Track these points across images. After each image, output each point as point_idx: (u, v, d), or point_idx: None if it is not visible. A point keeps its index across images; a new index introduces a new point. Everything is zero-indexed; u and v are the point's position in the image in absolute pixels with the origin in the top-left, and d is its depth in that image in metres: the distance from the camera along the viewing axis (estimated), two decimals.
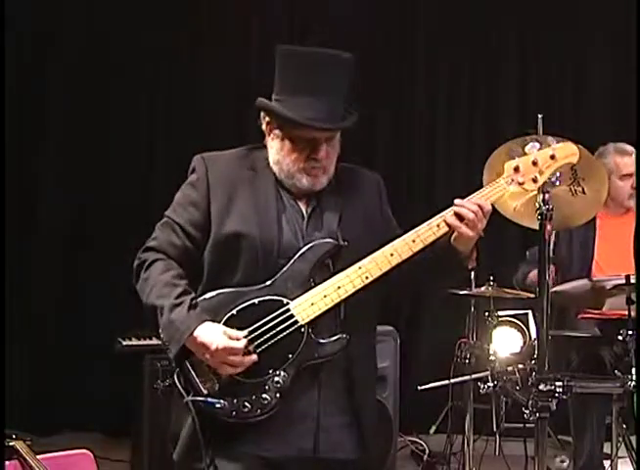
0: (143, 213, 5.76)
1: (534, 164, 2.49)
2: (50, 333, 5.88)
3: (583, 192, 3.17)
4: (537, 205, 2.96)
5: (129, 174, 5.99)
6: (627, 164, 4.45)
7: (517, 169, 2.48)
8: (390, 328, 4.61)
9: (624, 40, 5.95)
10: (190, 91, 6.08)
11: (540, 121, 3.13)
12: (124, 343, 4.49)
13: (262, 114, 2.49)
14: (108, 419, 5.58)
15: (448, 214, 2.41)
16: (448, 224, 2.40)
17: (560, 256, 4.45)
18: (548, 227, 3.01)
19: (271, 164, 2.48)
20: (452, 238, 2.44)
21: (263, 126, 2.50)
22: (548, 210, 2.97)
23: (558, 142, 2.58)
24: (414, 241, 2.39)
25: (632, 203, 4.48)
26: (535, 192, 2.72)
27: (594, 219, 4.38)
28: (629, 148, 4.51)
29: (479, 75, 6.42)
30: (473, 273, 4.64)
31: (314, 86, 2.38)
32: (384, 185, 2.63)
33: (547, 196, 2.92)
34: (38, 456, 3.05)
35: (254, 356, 2.32)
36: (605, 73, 6.34)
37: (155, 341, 4.26)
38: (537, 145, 2.57)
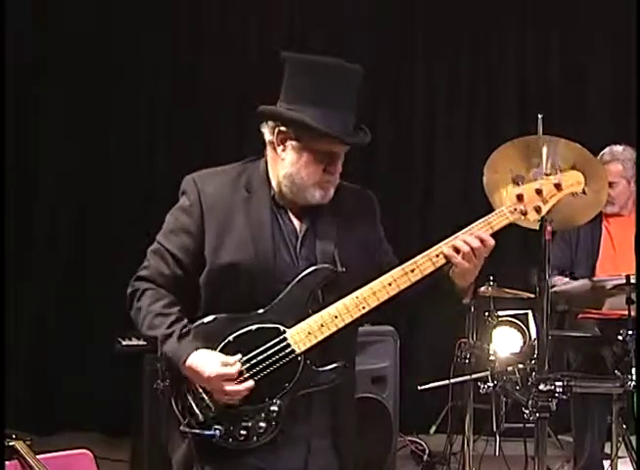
0: (143, 213, 5.78)
1: (538, 192, 2.40)
2: (50, 333, 5.87)
3: (583, 192, 3.16)
4: None
5: (129, 174, 5.98)
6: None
7: (520, 198, 2.39)
8: (390, 328, 4.60)
9: (624, 40, 5.95)
10: (190, 91, 6.08)
11: (540, 121, 3.13)
12: (124, 343, 4.47)
13: (273, 123, 2.38)
14: (107, 419, 5.58)
15: (446, 246, 2.34)
16: (445, 255, 2.34)
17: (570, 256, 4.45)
18: (548, 227, 3.01)
19: (280, 177, 2.39)
20: (451, 270, 2.38)
21: (270, 137, 2.39)
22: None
23: (562, 170, 2.46)
24: (413, 271, 2.34)
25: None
26: None
27: (600, 220, 4.38)
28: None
29: (478, 75, 6.41)
30: None
31: (334, 99, 2.31)
32: (378, 204, 2.56)
33: None
34: (38, 456, 3.04)
35: (251, 382, 2.30)
36: (605, 73, 6.33)
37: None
38: (542, 171, 2.52)
